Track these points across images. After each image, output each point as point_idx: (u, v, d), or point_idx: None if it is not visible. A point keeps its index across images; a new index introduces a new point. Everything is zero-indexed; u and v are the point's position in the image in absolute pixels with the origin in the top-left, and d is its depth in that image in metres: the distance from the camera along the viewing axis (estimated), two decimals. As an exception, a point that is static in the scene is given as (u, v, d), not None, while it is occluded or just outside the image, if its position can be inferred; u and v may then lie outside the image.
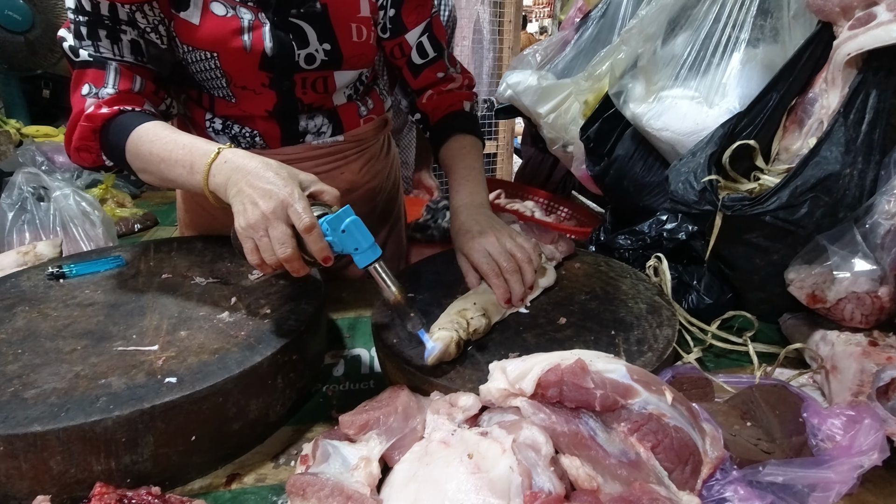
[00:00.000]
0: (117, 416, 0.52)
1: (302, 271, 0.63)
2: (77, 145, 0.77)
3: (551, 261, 0.88)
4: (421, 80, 0.97)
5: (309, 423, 0.69)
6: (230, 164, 0.65)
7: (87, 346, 0.63)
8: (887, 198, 0.67)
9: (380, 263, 0.64)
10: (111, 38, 0.75)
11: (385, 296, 0.65)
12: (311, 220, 0.59)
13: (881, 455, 0.51)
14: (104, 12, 0.74)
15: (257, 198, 0.60)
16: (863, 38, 0.71)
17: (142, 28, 0.76)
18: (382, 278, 0.64)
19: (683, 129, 0.91)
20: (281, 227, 0.59)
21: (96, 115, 0.75)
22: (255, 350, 0.63)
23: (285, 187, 0.60)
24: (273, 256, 0.60)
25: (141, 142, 0.73)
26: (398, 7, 0.89)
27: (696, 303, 0.89)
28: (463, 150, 0.92)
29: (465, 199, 0.86)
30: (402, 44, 0.92)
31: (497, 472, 0.45)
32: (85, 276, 0.82)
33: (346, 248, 0.62)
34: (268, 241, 0.60)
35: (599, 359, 0.54)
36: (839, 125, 0.72)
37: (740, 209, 0.73)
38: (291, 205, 0.59)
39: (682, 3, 0.93)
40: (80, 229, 1.19)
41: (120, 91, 0.76)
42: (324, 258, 0.61)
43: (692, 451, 0.49)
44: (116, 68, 0.76)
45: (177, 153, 0.69)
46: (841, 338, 0.69)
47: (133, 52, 0.77)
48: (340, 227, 0.61)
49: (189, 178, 0.69)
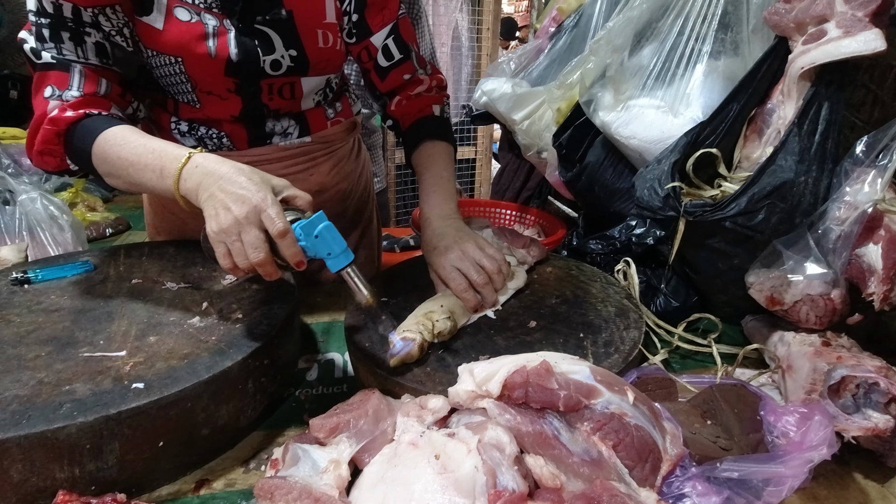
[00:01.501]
0: (81, 423, 0.51)
1: (275, 275, 0.63)
2: (40, 149, 0.76)
3: (522, 264, 0.90)
4: (388, 83, 0.96)
5: (281, 427, 0.69)
6: (201, 168, 0.64)
7: (52, 352, 0.62)
8: (838, 205, 0.70)
9: (352, 268, 0.65)
10: (74, 41, 0.74)
11: (357, 299, 0.66)
12: (285, 226, 0.60)
13: (830, 450, 0.53)
14: (67, 14, 0.73)
15: (230, 203, 0.60)
16: (815, 52, 0.74)
17: (106, 31, 0.76)
18: (355, 282, 0.65)
19: (650, 137, 0.94)
20: (254, 232, 0.60)
21: (60, 118, 0.73)
22: (226, 355, 0.63)
23: (258, 192, 0.60)
24: (246, 261, 0.61)
25: (108, 146, 0.72)
26: (361, 11, 0.88)
27: (664, 306, 0.92)
28: (432, 157, 0.93)
29: (433, 210, 0.87)
30: (369, 47, 0.92)
31: (462, 471, 0.46)
32: (51, 281, 0.80)
33: (319, 252, 0.63)
34: (240, 246, 0.60)
35: (564, 360, 0.55)
36: (794, 135, 0.75)
37: (701, 215, 0.76)
38: (264, 210, 0.60)
39: (647, 16, 0.97)
40: (47, 234, 1.17)
41: (85, 94, 0.75)
42: (297, 262, 0.62)
43: (652, 449, 0.51)
44: (81, 70, 0.75)
45: (146, 158, 0.69)
46: (796, 338, 0.71)
47: (98, 55, 0.76)
48: (314, 233, 0.62)
49: (159, 183, 0.68)
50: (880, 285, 0.66)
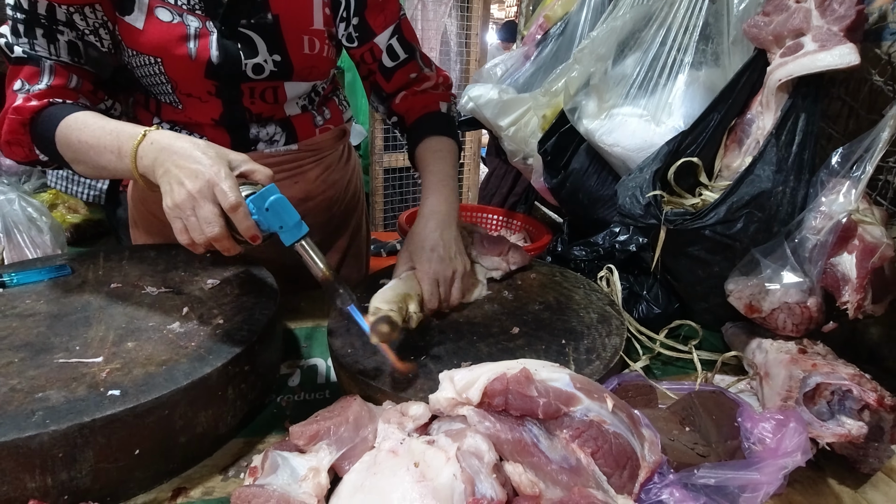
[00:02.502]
0: (53, 431, 0.50)
1: (233, 250, 0.63)
2: (7, 139, 0.76)
3: (495, 270, 0.91)
4: (394, 83, 0.95)
5: (262, 434, 0.68)
6: (156, 144, 0.64)
7: (25, 358, 0.61)
8: (814, 214, 0.72)
9: (306, 240, 0.65)
10: (47, 38, 0.74)
11: (313, 272, 0.66)
12: (237, 199, 0.59)
13: (804, 456, 0.54)
14: (41, 11, 0.72)
15: (183, 178, 0.60)
16: (792, 65, 0.76)
17: (80, 30, 0.75)
18: (310, 255, 0.65)
19: (633, 145, 0.95)
20: (208, 207, 0.59)
21: (24, 107, 0.73)
22: (205, 361, 0.62)
23: (212, 167, 0.60)
24: (202, 236, 0.60)
25: (70, 130, 0.71)
26: (361, 13, 0.88)
27: (646, 312, 0.93)
28: (436, 153, 0.90)
29: (433, 207, 0.84)
30: (373, 48, 0.91)
31: (441, 480, 0.45)
32: (27, 285, 0.79)
33: (272, 225, 0.62)
34: (195, 221, 0.60)
35: (545, 368, 0.56)
36: (772, 146, 0.77)
37: (682, 223, 0.77)
38: (217, 184, 0.59)
39: (631, 26, 0.98)
40: (24, 236, 1.15)
41: (52, 86, 0.75)
42: (251, 237, 0.62)
43: (630, 457, 0.51)
44: (52, 66, 0.75)
45: (104, 139, 0.68)
46: (773, 346, 0.73)
47: (70, 53, 0.76)
48: (264, 206, 0.61)
49: (118, 164, 0.67)
50: (854, 294, 0.68)
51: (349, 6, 0.87)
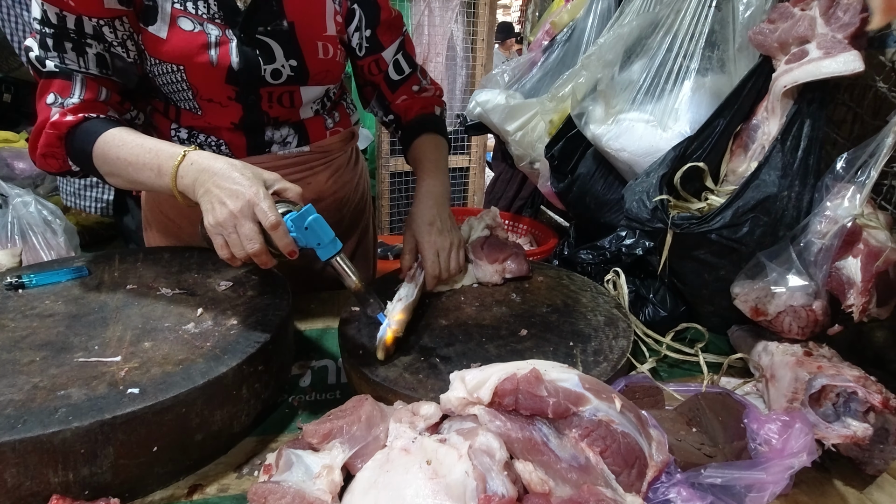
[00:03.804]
0: (76, 428, 0.52)
1: (270, 264, 0.67)
2: (43, 152, 0.79)
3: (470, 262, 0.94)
4: (398, 94, 1.03)
5: (274, 433, 0.69)
6: (196, 165, 0.68)
7: (47, 357, 0.63)
8: (819, 219, 0.73)
9: (341, 256, 0.69)
10: (77, 51, 0.76)
11: (347, 284, 0.70)
12: (277, 218, 0.63)
13: (810, 457, 0.55)
14: (70, 26, 0.75)
15: (224, 197, 0.64)
16: (797, 72, 0.77)
17: (108, 42, 0.78)
18: (344, 269, 0.69)
19: (640, 150, 0.96)
20: (248, 225, 0.63)
21: (61, 122, 0.76)
22: (221, 361, 0.63)
23: (251, 187, 0.64)
24: (242, 251, 0.65)
25: (108, 147, 0.74)
26: (373, 27, 0.95)
27: (653, 315, 0.94)
28: (432, 146, 0.99)
29: (430, 188, 0.93)
30: (379, 61, 0.99)
31: (453, 477, 0.47)
32: (45, 286, 0.81)
33: (310, 243, 0.67)
34: (237, 238, 0.64)
35: (554, 368, 0.57)
36: (777, 151, 0.78)
37: (688, 227, 0.78)
38: (257, 203, 0.63)
39: (637, 33, 0.99)
40: (40, 238, 1.17)
41: (85, 100, 0.77)
42: (289, 252, 0.66)
43: (638, 456, 0.52)
44: (82, 80, 0.77)
45: (144, 157, 0.72)
46: (779, 348, 0.73)
47: (98, 65, 0.78)
48: (304, 225, 0.66)
49: (157, 181, 0.71)
50: (859, 297, 0.68)
51: (362, 19, 0.93)
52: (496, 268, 0.92)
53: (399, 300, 0.77)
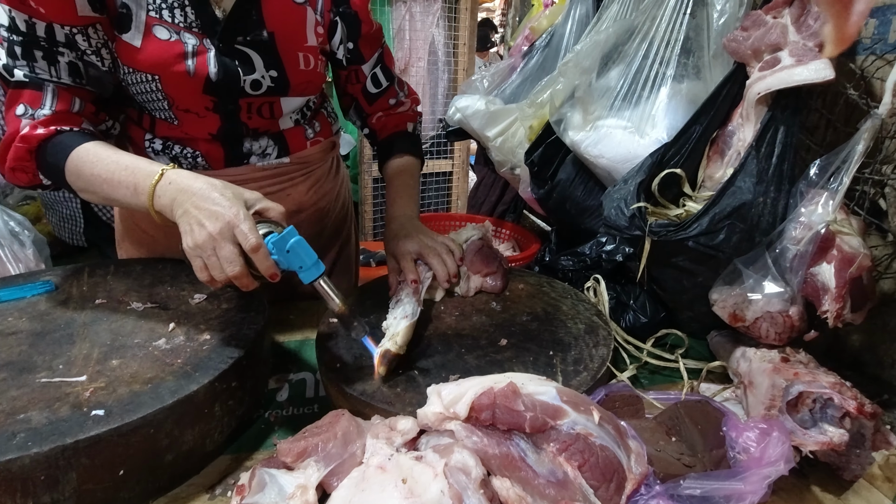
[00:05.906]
0: (35, 454, 0.50)
1: (251, 286, 0.65)
2: (12, 165, 0.76)
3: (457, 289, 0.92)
4: (375, 108, 1.05)
5: (249, 450, 0.67)
6: (175, 185, 0.65)
7: (7, 378, 0.60)
8: (794, 225, 0.73)
9: (323, 278, 0.67)
10: (48, 60, 0.73)
11: (330, 307, 0.68)
12: (258, 241, 0.61)
13: (787, 465, 0.55)
14: (40, 34, 0.72)
15: (203, 219, 0.62)
16: (770, 79, 0.77)
17: (81, 50, 0.75)
18: (327, 292, 0.67)
19: (618, 156, 0.96)
20: (228, 247, 0.61)
21: (32, 135, 0.73)
22: (192, 378, 0.62)
23: (231, 208, 0.62)
24: (222, 274, 0.63)
25: (82, 162, 0.72)
26: (355, 41, 0.95)
27: (633, 321, 0.94)
28: (401, 167, 1.02)
29: (398, 211, 0.96)
30: (358, 72, 0.99)
31: (429, 496, 0.46)
32: (9, 302, 0.78)
33: (292, 265, 0.65)
34: (216, 261, 0.62)
35: (531, 381, 0.56)
36: (752, 157, 0.78)
37: (666, 234, 0.78)
38: (237, 225, 0.61)
39: (614, 39, 1.00)
40: (7, 250, 1.13)
41: (57, 111, 0.75)
42: (270, 275, 0.64)
43: (617, 469, 0.52)
44: (54, 90, 0.75)
45: (119, 174, 0.69)
46: (757, 354, 0.74)
47: (71, 74, 0.76)
48: (285, 248, 0.64)
49: (133, 200, 0.69)
50: (833, 303, 0.69)
51: (344, 31, 0.93)
52: (476, 280, 0.91)
53: (405, 317, 0.75)
